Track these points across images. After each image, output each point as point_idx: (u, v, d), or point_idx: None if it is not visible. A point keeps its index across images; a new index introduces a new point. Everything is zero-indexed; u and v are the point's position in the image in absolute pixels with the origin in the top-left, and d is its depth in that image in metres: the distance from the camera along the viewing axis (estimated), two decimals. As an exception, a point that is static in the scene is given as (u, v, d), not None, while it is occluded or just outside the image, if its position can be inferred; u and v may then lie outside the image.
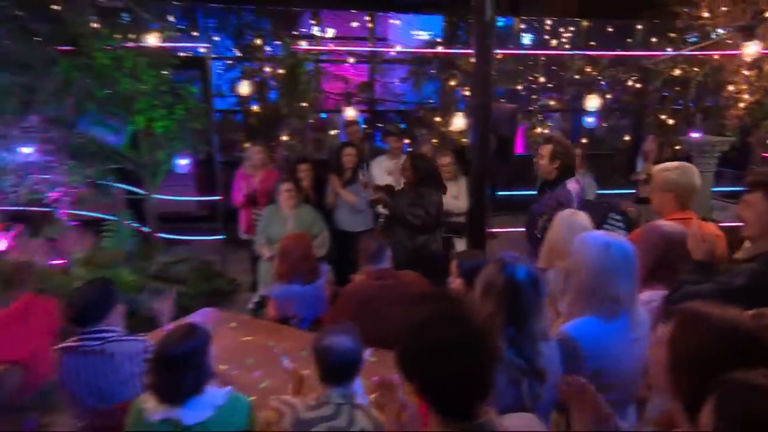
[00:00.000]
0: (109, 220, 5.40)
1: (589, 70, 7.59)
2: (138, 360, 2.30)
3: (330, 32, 8.20)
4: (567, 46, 8.09)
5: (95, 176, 5.28)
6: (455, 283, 2.69)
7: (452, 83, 7.65)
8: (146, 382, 1.99)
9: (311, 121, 6.84)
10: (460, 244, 5.05)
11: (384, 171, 5.22)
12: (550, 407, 1.67)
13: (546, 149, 3.47)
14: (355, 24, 8.29)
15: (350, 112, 6.20)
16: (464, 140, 7.50)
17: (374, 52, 7.85)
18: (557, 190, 3.36)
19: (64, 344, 2.29)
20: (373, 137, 7.82)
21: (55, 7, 5.27)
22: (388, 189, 4.63)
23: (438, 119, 7.58)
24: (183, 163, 5.32)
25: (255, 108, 6.50)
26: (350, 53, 7.58)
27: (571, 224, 2.33)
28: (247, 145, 6.30)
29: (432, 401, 1.12)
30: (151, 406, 1.99)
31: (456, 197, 5.04)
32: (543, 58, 8.05)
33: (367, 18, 8.22)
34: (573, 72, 7.67)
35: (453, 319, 1.09)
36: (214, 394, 2.04)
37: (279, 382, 2.68)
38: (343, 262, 4.73)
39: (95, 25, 5.20)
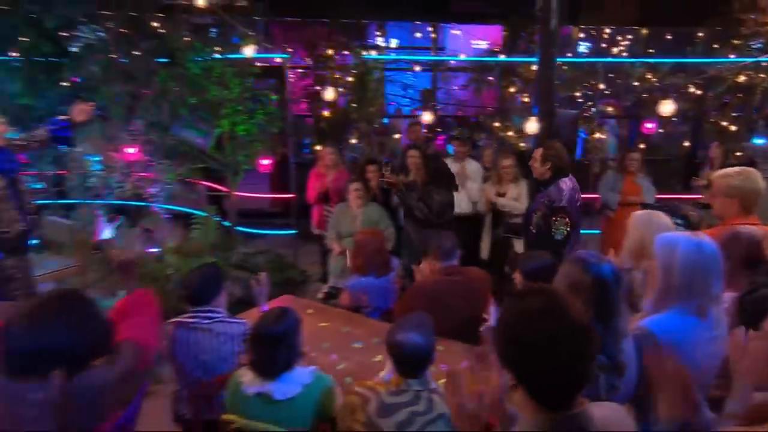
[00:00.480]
0: (196, 214, 5.66)
1: (649, 77, 7.30)
2: (238, 341, 2.41)
3: (393, 42, 8.29)
4: (624, 54, 7.82)
5: (185, 174, 5.57)
6: (518, 282, 2.69)
7: (511, 90, 7.55)
8: (245, 360, 2.09)
9: (375, 125, 6.92)
10: (519, 245, 4.99)
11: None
12: (625, 400, 1.64)
13: (538, 153, 3.57)
14: (418, 34, 8.33)
15: (426, 116, 6.25)
16: (522, 145, 7.42)
17: (438, 60, 7.84)
18: (549, 189, 3.47)
19: (177, 319, 2.43)
20: (434, 141, 7.82)
21: (154, 24, 5.61)
22: (406, 182, 4.64)
23: (497, 124, 7.51)
24: (265, 163, 5.49)
25: (325, 113, 6.64)
26: (416, 62, 7.60)
27: (656, 224, 2.27)
28: (318, 147, 6.45)
29: (531, 391, 1.11)
30: (247, 380, 2.09)
31: (516, 199, 4.98)
32: (601, 65, 7.82)
33: (430, 29, 8.24)
34: (634, 79, 7.39)
35: (557, 311, 1.08)
36: (302, 372, 2.12)
37: (353, 365, 2.74)
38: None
39: (188, 40, 5.47)
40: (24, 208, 3.48)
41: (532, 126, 4.19)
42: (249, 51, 5.23)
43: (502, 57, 7.45)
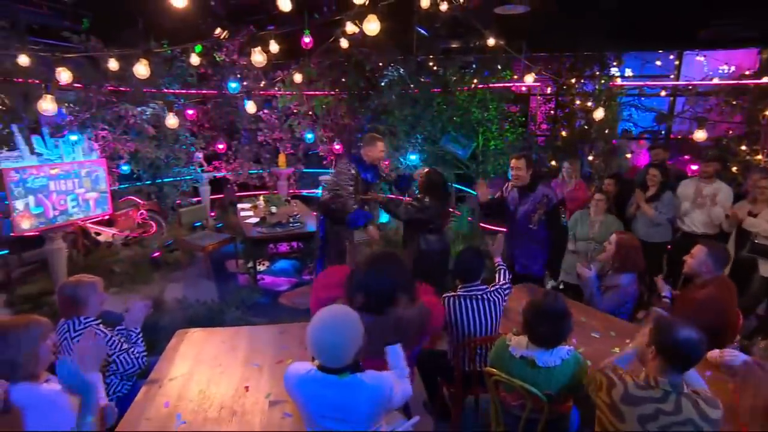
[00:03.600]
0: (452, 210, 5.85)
1: None
2: (501, 306, 2.41)
3: (627, 71, 7.21)
4: None
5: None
6: None
7: (767, 113, 5.84)
8: (524, 328, 2.01)
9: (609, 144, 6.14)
10: (765, 267, 3.86)
11: (685, 193, 4.29)
12: None
13: (521, 162, 3.41)
14: (658, 62, 7.08)
15: (699, 134, 5.31)
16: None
17: (684, 84, 6.53)
18: (537, 191, 3.38)
19: (456, 293, 2.49)
20: (676, 161, 6.56)
21: (430, 63, 5.98)
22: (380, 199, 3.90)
23: (743, 147, 5.91)
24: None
25: (563, 133, 6.15)
26: (660, 87, 6.48)
27: None
28: (553, 162, 6.03)
29: None
30: (514, 343, 2.02)
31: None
32: None
33: (672, 56, 6.95)
34: None
35: None
36: (562, 348, 1.96)
37: (591, 351, 2.45)
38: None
39: (454, 78, 5.67)
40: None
41: None
42: (530, 79, 5.00)
43: (765, 79, 5.81)
